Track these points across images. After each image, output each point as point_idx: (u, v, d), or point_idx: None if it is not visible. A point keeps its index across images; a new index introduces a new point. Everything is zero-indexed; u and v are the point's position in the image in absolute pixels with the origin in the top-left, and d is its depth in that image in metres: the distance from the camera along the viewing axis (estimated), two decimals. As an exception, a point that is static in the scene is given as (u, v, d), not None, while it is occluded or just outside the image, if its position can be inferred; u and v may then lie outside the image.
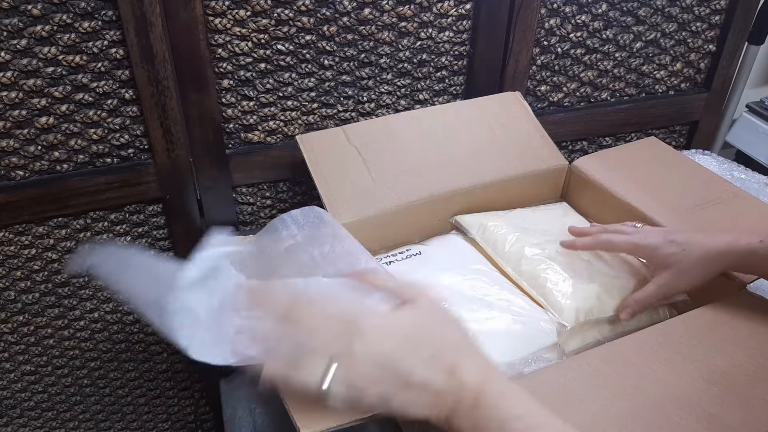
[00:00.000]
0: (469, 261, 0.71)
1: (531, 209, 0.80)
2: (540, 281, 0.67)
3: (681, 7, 1.00)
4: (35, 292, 0.91)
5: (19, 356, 0.96)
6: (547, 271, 0.67)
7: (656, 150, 0.86)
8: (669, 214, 0.72)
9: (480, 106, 0.86)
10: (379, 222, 0.73)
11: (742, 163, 1.00)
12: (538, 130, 0.84)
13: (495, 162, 0.80)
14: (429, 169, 0.78)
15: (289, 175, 0.93)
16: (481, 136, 0.82)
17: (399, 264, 0.70)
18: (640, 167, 0.81)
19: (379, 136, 0.80)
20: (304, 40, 0.83)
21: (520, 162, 0.81)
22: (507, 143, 0.82)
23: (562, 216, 0.79)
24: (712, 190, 0.77)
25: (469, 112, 0.85)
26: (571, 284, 0.66)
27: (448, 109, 0.85)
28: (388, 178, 0.76)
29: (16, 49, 0.73)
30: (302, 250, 0.61)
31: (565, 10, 0.94)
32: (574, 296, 0.65)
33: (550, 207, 0.81)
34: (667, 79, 1.07)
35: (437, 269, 0.69)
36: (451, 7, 0.88)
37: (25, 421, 1.04)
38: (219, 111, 0.85)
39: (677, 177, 0.80)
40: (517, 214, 0.78)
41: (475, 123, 0.83)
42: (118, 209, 0.88)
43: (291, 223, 0.65)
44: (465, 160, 0.79)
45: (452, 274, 0.68)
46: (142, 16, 0.73)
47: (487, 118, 0.84)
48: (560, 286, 0.66)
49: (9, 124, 0.77)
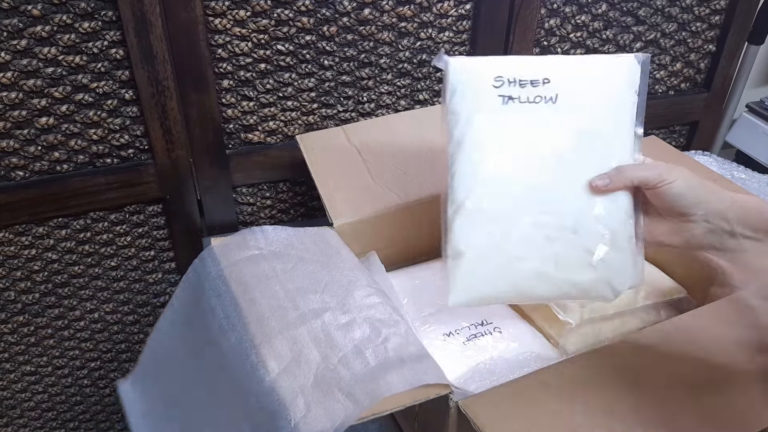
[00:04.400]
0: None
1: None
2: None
3: (681, 7, 1.00)
4: (35, 293, 0.91)
5: (19, 356, 0.96)
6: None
7: (656, 149, 0.86)
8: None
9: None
10: (379, 222, 0.73)
11: (742, 163, 1.00)
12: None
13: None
14: (429, 169, 0.78)
15: (289, 175, 0.93)
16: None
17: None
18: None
19: (379, 136, 0.80)
20: (304, 40, 0.83)
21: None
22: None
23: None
24: (712, 189, 0.76)
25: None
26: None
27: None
28: (388, 178, 0.76)
29: (16, 49, 0.73)
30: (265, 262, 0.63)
31: (565, 10, 0.94)
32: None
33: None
34: (666, 79, 1.07)
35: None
36: (451, 7, 0.88)
37: (25, 421, 1.04)
38: (219, 111, 0.85)
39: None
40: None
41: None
42: (118, 209, 0.88)
43: (261, 237, 0.67)
44: (465, 160, 0.79)
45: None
46: (142, 16, 0.73)
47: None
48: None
49: (9, 124, 0.77)
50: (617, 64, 0.58)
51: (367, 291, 0.61)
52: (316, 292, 0.60)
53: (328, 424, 0.47)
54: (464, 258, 0.56)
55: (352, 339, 0.55)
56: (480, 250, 0.56)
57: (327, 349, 0.54)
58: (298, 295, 0.59)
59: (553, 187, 0.56)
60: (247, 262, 0.64)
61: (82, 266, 0.91)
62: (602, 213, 0.55)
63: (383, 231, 0.74)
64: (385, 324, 0.57)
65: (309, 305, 0.58)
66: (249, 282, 0.62)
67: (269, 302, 0.59)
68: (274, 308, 0.58)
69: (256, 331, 0.56)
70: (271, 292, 0.60)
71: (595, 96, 0.57)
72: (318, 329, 0.56)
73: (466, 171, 0.57)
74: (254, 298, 0.60)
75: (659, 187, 0.54)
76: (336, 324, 0.56)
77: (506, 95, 0.57)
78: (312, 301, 0.59)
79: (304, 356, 0.53)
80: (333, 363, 0.53)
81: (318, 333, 0.55)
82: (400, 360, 0.52)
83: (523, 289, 0.57)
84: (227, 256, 0.66)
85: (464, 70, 0.57)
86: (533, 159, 0.56)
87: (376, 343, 0.55)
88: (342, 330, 0.56)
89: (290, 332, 0.55)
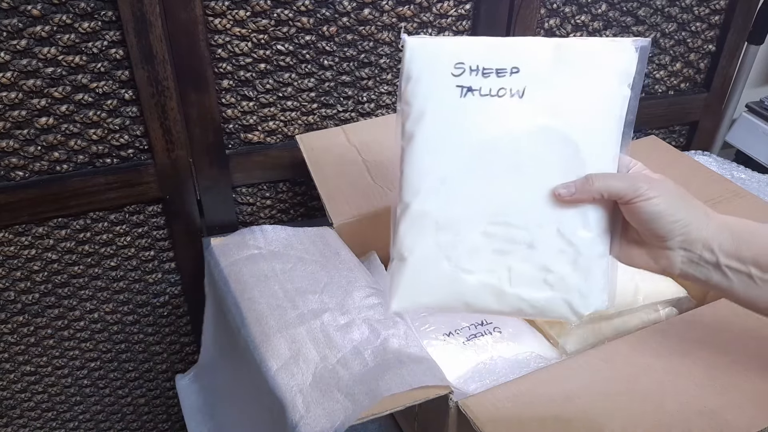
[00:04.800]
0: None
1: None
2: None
3: (681, 7, 1.00)
4: (35, 293, 0.91)
5: (19, 357, 0.96)
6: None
7: (656, 149, 0.86)
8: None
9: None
10: (379, 222, 0.73)
11: (742, 163, 1.00)
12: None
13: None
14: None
15: (289, 175, 0.93)
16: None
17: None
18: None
19: (379, 136, 0.80)
20: (303, 40, 0.83)
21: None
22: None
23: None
24: (713, 189, 0.77)
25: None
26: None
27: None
28: (388, 178, 0.76)
29: (16, 49, 0.73)
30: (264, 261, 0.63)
31: (565, 10, 0.94)
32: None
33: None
34: (666, 79, 1.07)
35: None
36: (451, 7, 0.88)
37: (25, 421, 1.04)
38: (219, 111, 0.85)
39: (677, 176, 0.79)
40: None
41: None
42: (118, 209, 0.88)
43: (260, 236, 0.67)
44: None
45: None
46: (141, 16, 0.73)
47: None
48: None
49: (9, 124, 0.77)
50: (608, 51, 0.49)
51: (367, 292, 0.61)
52: (315, 292, 0.60)
53: (327, 425, 0.47)
54: (407, 264, 0.52)
55: (351, 340, 0.55)
56: (424, 258, 0.51)
57: (326, 349, 0.54)
58: (297, 296, 0.59)
59: (509, 195, 0.50)
60: (246, 262, 0.64)
61: (82, 266, 0.91)
62: (566, 227, 0.49)
63: (383, 231, 0.74)
64: (385, 325, 0.57)
65: (308, 306, 0.58)
66: (248, 281, 0.62)
67: (268, 302, 0.59)
68: (273, 308, 0.58)
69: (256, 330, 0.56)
70: (270, 292, 0.60)
71: (573, 90, 0.49)
72: (317, 330, 0.56)
73: (414, 171, 0.51)
74: (253, 297, 0.60)
75: (633, 203, 0.46)
76: (335, 325, 0.56)
77: (465, 86, 0.49)
78: (311, 301, 0.59)
79: (303, 355, 0.53)
80: (332, 363, 0.53)
81: (317, 333, 0.55)
82: (399, 361, 0.52)
83: (472, 302, 0.52)
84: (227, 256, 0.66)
85: (422, 52, 0.50)
86: (489, 162, 0.50)
87: (375, 344, 0.55)
88: (341, 331, 0.56)
89: (289, 331, 0.55)
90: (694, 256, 0.47)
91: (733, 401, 0.50)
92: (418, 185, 0.51)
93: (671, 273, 0.48)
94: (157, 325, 1.01)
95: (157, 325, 1.01)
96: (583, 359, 0.55)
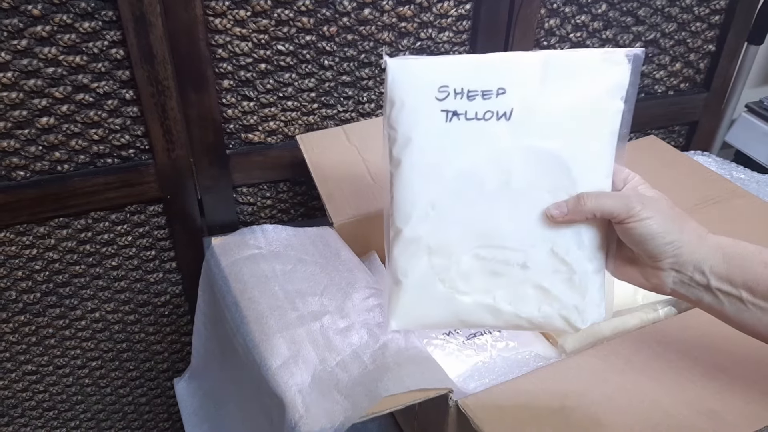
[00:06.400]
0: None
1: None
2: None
3: (681, 7, 1.00)
4: (36, 292, 0.91)
5: (20, 356, 0.96)
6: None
7: (656, 149, 0.86)
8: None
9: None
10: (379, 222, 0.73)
11: (741, 163, 1.00)
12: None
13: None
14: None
15: (290, 175, 0.93)
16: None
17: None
18: (639, 166, 0.80)
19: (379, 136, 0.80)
20: (304, 40, 0.83)
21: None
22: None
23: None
24: (712, 189, 0.77)
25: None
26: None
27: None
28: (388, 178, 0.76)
29: (17, 49, 0.73)
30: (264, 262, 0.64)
31: (565, 10, 0.94)
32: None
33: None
34: (666, 79, 1.07)
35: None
36: (451, 7, 0.88)
37: (26, 420, 1.04)
38: (219, 111, 0.85)
39: (677, 176, 0.80)
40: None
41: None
42: (118, 209, 0.88)
43: (260, 235, 0.67)
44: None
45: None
46: (142, 16, 0.73)
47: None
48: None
49: (9, 124, 0.77)
50: (600, 65, 0.48)
51: (366, 293, 0.61)
52: (314, 294, 0.60)
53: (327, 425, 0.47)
54: (402, 287, 0.52)
55: (350, 344, 0.55)
56: (419, 281, 0.52)
57: (325, 352, 0.54)
58: (297, 297, 0.60)
59: (500, 217, 0.50)
60: (246, 261, 0.65)
61: (83, 266, 0.91)
62: (560, 247, 0.49)
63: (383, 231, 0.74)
64: (383, 329, 0.57)
65: (308, 308, 0.59)
66: (248, 281, 0.62)
67: (268, 302, 0.59)
68: (273, 308, 0.58)
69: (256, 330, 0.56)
70: (270, 292, 0.60)
71: (563, 108, 0.48)
72: (316, 332, 0.56)
73: (404, 197, 0.51)
74: (253, 297, 0.60)
75: (627, 223, 0.46)
76: (334, 328, 0.56)
77: (450, 110, 0.48)
78: (311, 303, 0.59)
79: (302, 356, 0.53)
80: (331, 366, 0.53)
81: (316, 336, 0.55)
82: (398, 364, 0.52)
83: (469, 320, 0.53)
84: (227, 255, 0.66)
85: (404, 76, 0.49)
86: (478, 186, 0.49)
87: (374, 348, 0.55)
88: (340, 335, 0.56)
89: (289, 332, 0.56)
90: (685, 277, 0.47)
91: (733, 401, 0.50)
92: (408, 211, 0.51)
93: (663, 292, 0.49)
94: (158, 325, 1.01)
95: (159, 325, 1.02)
96: (582, 359, 0.55)
